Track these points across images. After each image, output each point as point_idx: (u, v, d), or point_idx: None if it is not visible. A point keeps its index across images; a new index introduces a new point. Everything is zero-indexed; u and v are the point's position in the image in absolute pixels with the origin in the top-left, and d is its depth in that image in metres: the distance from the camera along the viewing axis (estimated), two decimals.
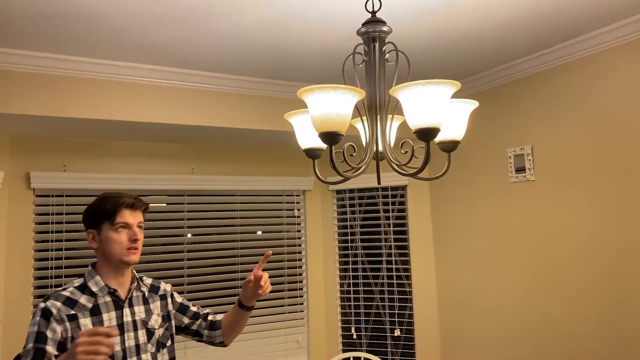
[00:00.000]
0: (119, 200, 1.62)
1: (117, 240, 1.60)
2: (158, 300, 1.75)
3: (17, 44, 2.34)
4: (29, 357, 1.46)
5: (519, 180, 2.89)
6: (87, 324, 1.54)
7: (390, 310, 3.57)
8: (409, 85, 1.21)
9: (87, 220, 1.65)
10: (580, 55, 2.57)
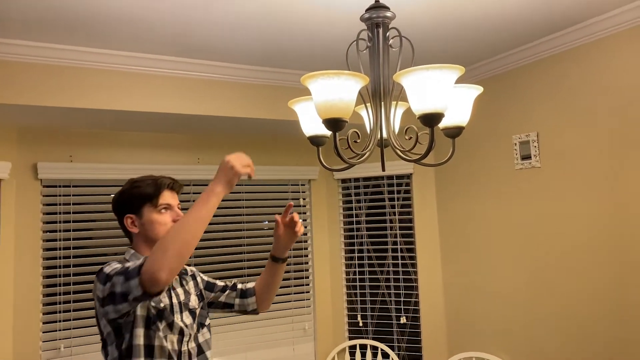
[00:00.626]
0: (160, 182, 1.64)
1: (162, 222, 1.61)
2: (191, 281, 1.77)
3: (23, 34, 2.35)
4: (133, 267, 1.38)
5: (524, 167, 2.88)
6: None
7: (396, 297, 3.58)
8: (412, 70, 1.20)
9: (124, 205, 1.64)
10: (586, 40, 2.55)
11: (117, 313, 1.42)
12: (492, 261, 3.09)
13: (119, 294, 1.37)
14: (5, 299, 2.83)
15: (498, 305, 3.06)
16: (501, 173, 3.03)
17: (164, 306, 1.57)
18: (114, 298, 1.38)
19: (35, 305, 2.92)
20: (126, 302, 1.37)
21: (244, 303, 1.85)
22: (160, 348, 1.53)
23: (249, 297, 1.85)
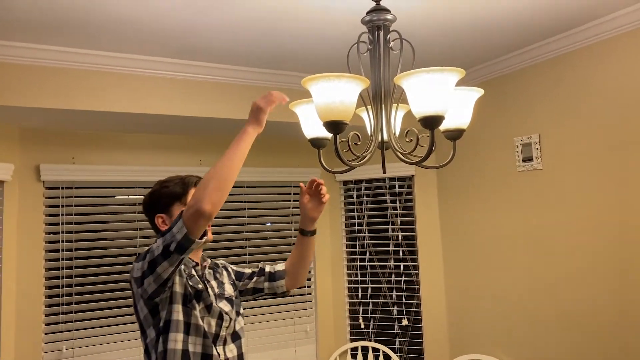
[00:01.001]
0: (187, 181, 1.70)
1: None
2: (224, 272, 1.84)
3: (25, 37, 2.36)
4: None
5: (526, 169, 2.88)
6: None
7: (397, 299, 3.58)
8: (413, 72, 1.21)
9: (155, 205, 1.69)
10: (587, 42, 2.55)
11: (156, 282, 1.48)
12: (494, 263, 3.09)
13: (159, 254, 1.44)
14: (7, 300, 2.83)
15: (500, 308, 3.05)
16: (503, 175, 3.02)
17: (201, 287, 1.64)
18: (155, 263, 1.46)
19: (37, 307, 2.92)
20: (168, 256, 1.43)
21: (273, 286, 1.88)
22: (196, 326, 1.59)
23: (278, 280, 1.88)
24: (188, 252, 1.46)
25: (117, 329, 3.12)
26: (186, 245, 1.42)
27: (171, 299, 1.58)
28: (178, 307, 1.58)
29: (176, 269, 1.49)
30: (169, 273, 1.48)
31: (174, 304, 1.58)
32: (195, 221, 1.39)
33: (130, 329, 3.16)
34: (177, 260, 1.46)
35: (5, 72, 2.45)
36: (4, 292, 2.82)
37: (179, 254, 1.44)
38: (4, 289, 2.82)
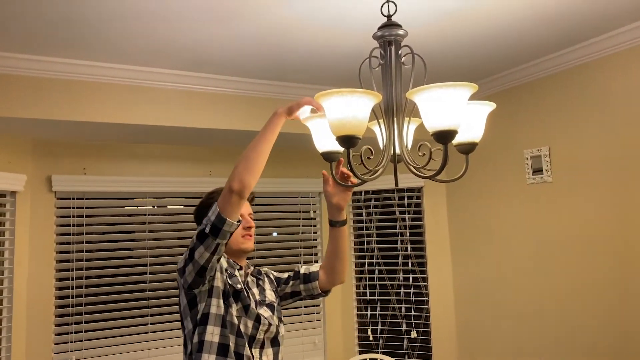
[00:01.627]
0: None
1: None
2: (266, 279, 1.87)
3: (39, 50, 2.39)
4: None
5: (536, 181, 2.87)
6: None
7: (406, 312, 3.57)
8: (426, 88, 1.21)
9: (203, 214, 1.73)
10: (597, 56, 2.55)
11: (195, 270, 1.55)
12: (504, 276, 3.07)
13: (196, 240, 1.53)
14: (18, 309, 2.85)
15: (510, 321, 3.03)
16: (512, 187, 3.02)
17: (240, 288, 1.68)
18: (193, 250, 1.54)
19: (48, 316, 2.94)
20: (203, 240, 1.51)
21: (308, 288, 1.87)
22: (231, 324, 1.63)
23: (313, 281, 1.86)
24: (222, 237, 1.51)
25: (126, 340, 3.13)
26: (219, 225, 1.49)
27: (210, 293, 1.63)
28: (216, 302, 1.63)
29: (213, 256, 1.54)
30: (205, 259, 1.53)
31: (212, 297, 1.63)
32: (227, 200, 1.49)
33: (140, 340, 3.16)
34: (213, 245, 1.51)
35: (19, 84, 2.48)
36: (16, 301, 2.84)
37: (214, 236, 1.50)
38: (16, 298, 2.84)
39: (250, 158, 1.54)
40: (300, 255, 3.73)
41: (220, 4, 2.01)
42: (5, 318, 2.82)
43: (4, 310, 2.82)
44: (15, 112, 2.47)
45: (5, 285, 2.84)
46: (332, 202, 1.78)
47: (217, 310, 1.63)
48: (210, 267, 1.57)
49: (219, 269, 1.66)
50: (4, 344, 2.80)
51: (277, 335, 1.76)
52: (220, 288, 1.65)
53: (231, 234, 1.55)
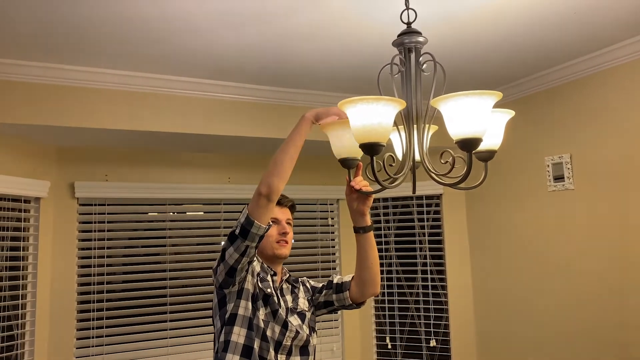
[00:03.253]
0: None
1: (268, 234, 1.75)
2: (301, 287, 1.88)
3: (63, 58, 2.44)
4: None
5: (557, 189, 2.83)
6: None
7: (425, 320, 3.54)
8: (452, 96, 1.21)
9: None
10: (619, 62, 2.52)
11: (225, 270, 1.59)
12: (524, 283, 3.03)
13: (227, 241, 1.58)
14: (41, 314, 2.90)
15: (531, 329, 2.99)
16: (533, 194, 2.98)
17: (269, 292, 1.70)
18: (224, 251, 1.58)
19: (69, 320, 2.98)
20: (233, 241, 1.55)
21: (340, 298, 1.85)
22: (257, 327, 1.65)
23: (344, 292, 1.84)
24: (250, 239, 1.54)
25: (147, 345, 3.15)
26: (248, 227, 1.53)
27: (240, 294, 1.66)
28: (245, 304, 1.66)
29: (242, 257, 1.57)
30: (235, 260, 1.57)
31: (241, 299, 1.66)
32: (256, 203, 1.55)
33: (160, 345, 3.18)
34: (242, 246, 1.55)
35: (44, 93, 2.54)
36: (39, 304, 2.89)
37: (243, 238, 1.54)
38: (39, 302, 2.89)
39: (278, 162, 1.59)
40: (319, 262, 3.73)
41: (237, 11, 2.03)
42: (29, 322, 2.86)
43: (28, 314, 2.87)
44: (40, 119, 2.52)
45: (29, 289, 2.89)
46: (352, 207, 1.79)
47: (245, 312, 1.65)
48: (240, 269, 1.60)
49: (250, 271, 1.68)
50: (27, 347, 2.84)
51: (307, 345, 1.76)
52: (250, 291, 1.67)
53: (261, 238, 1.58)
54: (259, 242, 1.59)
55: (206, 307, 3.34)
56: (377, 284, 1.85)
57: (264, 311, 1.68)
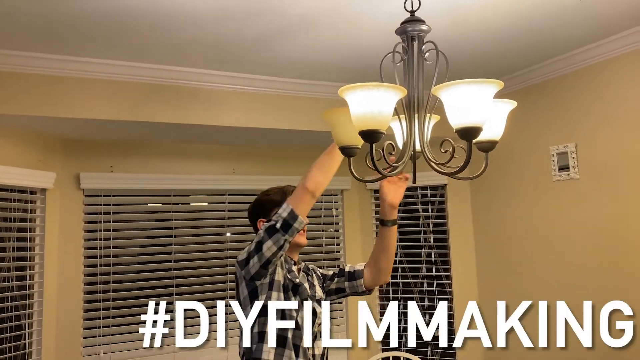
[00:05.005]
0: (285, 190, 1.87)
1: None
2: (314, 275, 1.94)
3: (67, 49, 2.45)
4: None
5: (562, 178, 2.82)
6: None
7: (430, 310, 3.54)
8: (452, 84, 1.21)
9: (257, 211, 1.88)
10: (626, 49, 2.49)
11: (260, 262, 1.64)
12: (529, 274, 3.03)
13: (265, 234, 1.62)
14: (49, 304, 2.92)
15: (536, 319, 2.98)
16: (538, 184, 2.97)
17: (299, 282, 1.78)
18: (261, 244, 1.62)
19: (76, 310, 3.01)
20: (273, 234, 1.60)
21: (353, 285, 1.93)
22: (290, 315, 1.72)
23: (357, 279, 1.92)
24: (291, 233, 1.60)
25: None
26: (291, 222, 1.59)
27: (271, 286, 1.72)
28: (277, 295, 1.72)
29: (279, 251, 1.62)
30: (272, 253, 1.61)
31: (273, 290, 1.72)
32: (301, 199, 1.62)
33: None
34: (281, 240, 1.60)
35: (49, 85, 2.54)
36: (46, 295, 2.92)
37: (284, 231, 1.60)
38: (46, 293, 2.92)
39: (325, 162, 1.67)
40: (323, 253, 3.74)
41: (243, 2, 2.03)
42: (36, 312, 2.90)
43: (35, 304, 2.90)
44: (44, 111, 2.53)
45: (36, 280, 2.91)
46: (386, 199, 1.82)
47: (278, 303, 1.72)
48: (273, 261, 1.65)
49: (279, 263, 1.75)
50: (35, 337, 2.88)
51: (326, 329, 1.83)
52: (281, 282, 1.73)
53: (298, 232, 1.63)
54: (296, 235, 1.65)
55: (211, 297, 3.36)
56: (390, 272, 1.94)
57: (295, 299, 1.75)
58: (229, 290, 3.42)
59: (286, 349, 1.70)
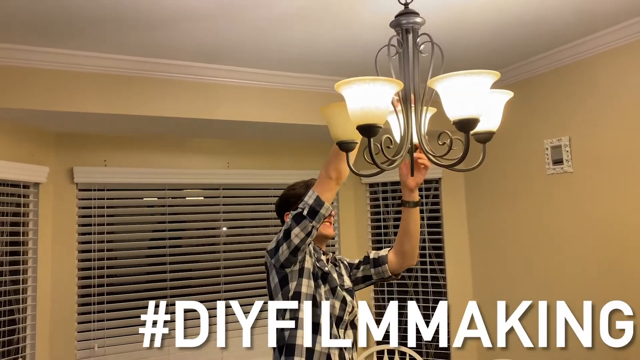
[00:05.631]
0: (310, 183, 1.89)
1: None
2: (341, 265, 1.99)
3: (59, 42, 2.42)
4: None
5: (556, 172, 2.83)
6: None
7: (424, 303, 3.56)
8: (449, 75, 1.21)
9: (284, 204, 1.93)
10: (620, 43, 2.50)
11: (289, 249, 1.67)
12: (523, 268, 3.05)
13: (292, 221, 1.66)
14: (42, 298, 2.91)
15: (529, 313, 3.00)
16: (532, 178, 2.98)
17: (327, 270, 1.82)
18: (289, 231, 1.66)
19: (70, 305, 3.00)
20: (300, 221, 1.64)
21: (379, 271, 1.97)
22: (320, 303, 1.76)
23: (382, 265, 1.96)
24: (318, 219, 1.64)
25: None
26: (317, 208, 1.63)
27: (301, 273, 1.76)
28: (307, 282, 1.76)
29: (307, 237, 1.66)
30: (300, 240, 1.65)
31: (303, 277, 1.76)
32: (325, 186, 1.67)
33: None
34: (309, 227, 1.64)
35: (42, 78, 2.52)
36: (40, 289, 2.90)
37: (311, 218, 1.64)
38: (40, 287, 2.90)
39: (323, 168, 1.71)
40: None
41: None
42: (30, 306, 2.88)
43: (29, 299, 2.88)
44: (37, 104, 2.51)
45: (30, 274, 2.90)
46: (405, 182, 1.85)
47: (308, 290, 1.76)
48: (302, 248, 1.69)
49: (308, 252, 1.79)
50: (29, 331, 2.86)
51: (354, 319, 1.89)
52: (310, 269, 1.78)
53: (325, 218, 1.67)
54: (322, 222, 1.69)
55: (207, 292, 3.36)
56: (416, 255, 1.97)
57: (324, 288, 1.79)
58: (223, 284, 3.42)
59: (319, 335, 1.74)
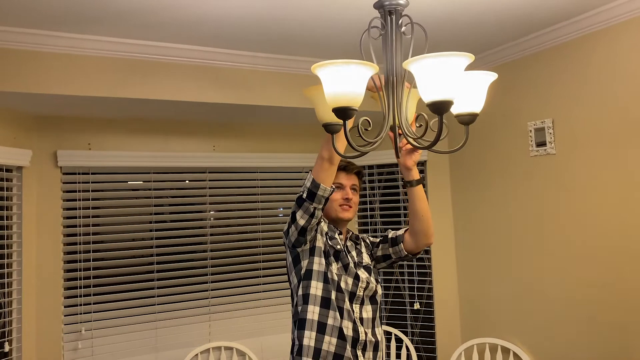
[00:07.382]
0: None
1: (332, 198, 1.93)
2: (362, 243, 2.07)
3: (41, 24, 2.38)
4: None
5: (539, 154, 2.86)
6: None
7: (409, 283, 3.60)
8: (420, 57, 1.20)
9: None
10: (602, 25, 2.51)
11: (297, 230, 1.78)
12: (506, 248, 3.09)
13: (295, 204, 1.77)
14: (28, 283, 2.91)
15: (512, 292, 3.06)
16: (516, 160, 3.01)
17: (339, 248, 1.91)
18: (294, 214, 1.77)
19: (57, 289, 3.00)
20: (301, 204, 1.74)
21: (396, 250, 2.01)
22: (332, 279, 1.85)
23: (399, 244, 2.00)
24: (317, 201, 1.72)
25: (133, 312, 3.19)
26: (314, 190, 1.71)
27: (312, 252, 1.86)
28: (318, 260, 1.86)
29: (312, 218, 1.75)
30: (305, 221, 1.75)
31: (314, 256, 1.86)
32: (319, 167, 1.73)
33: (147, 312, 3.22)
34: (310, 208, 1.73)
35: (23, 59, 2.48)
36: (25, 274, 2.90)
37: (310, 200, 1.72)
38: (25, 272, 2.90)
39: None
40: None
41: None
42: (16, 290, 2.88)
43: (14, 283, 2.88)
44: (17, 86, 2.47)
45: (15, 258, 2.89)
46: (401, 163, 1.88)
47: (319, 267, 1.85)
48: (309, 228, 1.78)
49: (319, 231, 1.88)
50: (15, 315, 2.86)
51: (375, 295, 1.95)
52: (321, 248, 1.86)
53: (326, 199, 1.73)
54: (325, 204, 1.76)
55: (193, 274, 3.37)
56: (430, 234, 1.97)
57: (336, 265, 1.87)
58: (210, 267, 3.43)
59: (330, 309, 1.81)
